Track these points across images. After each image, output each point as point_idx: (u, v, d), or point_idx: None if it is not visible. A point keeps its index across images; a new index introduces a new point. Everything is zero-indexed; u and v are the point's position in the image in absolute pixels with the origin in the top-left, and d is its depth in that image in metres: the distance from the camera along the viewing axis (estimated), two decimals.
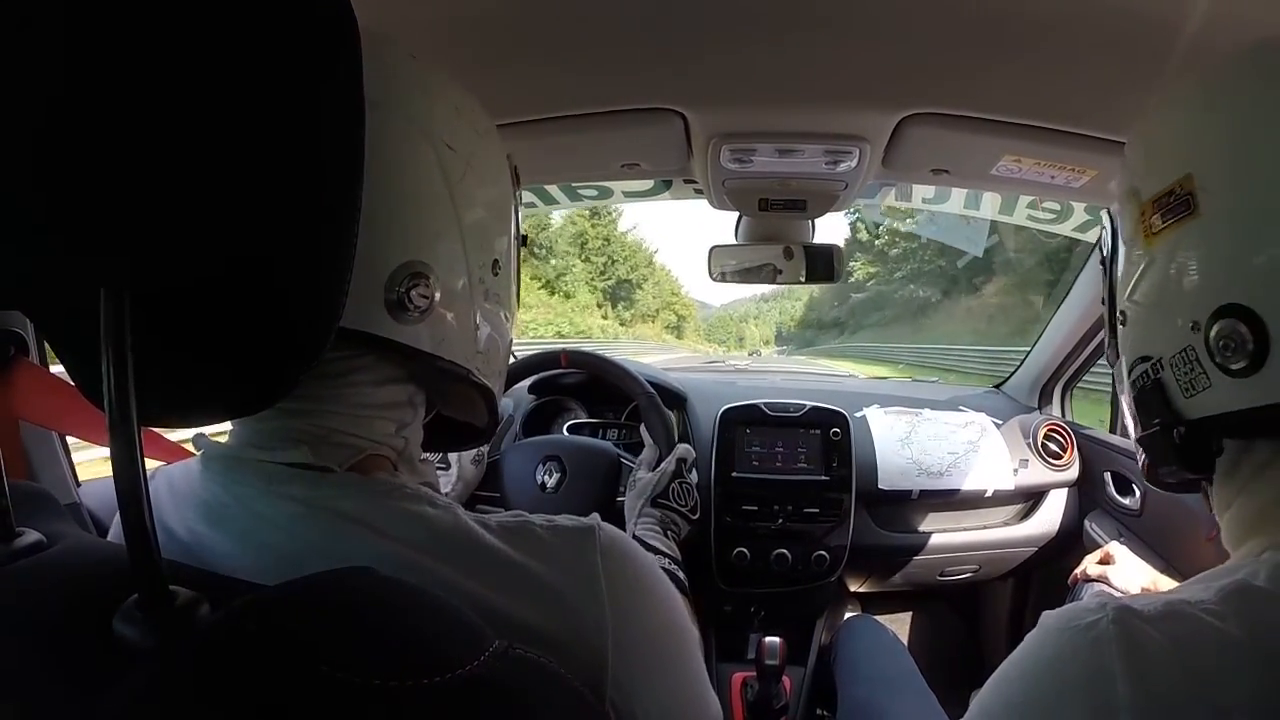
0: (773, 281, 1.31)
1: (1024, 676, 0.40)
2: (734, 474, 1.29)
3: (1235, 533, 0.45)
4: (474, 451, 1.13)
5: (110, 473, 0.31)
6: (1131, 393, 0.49)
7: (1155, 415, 0.46)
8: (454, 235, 0.46)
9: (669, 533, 0.93)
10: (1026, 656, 0.40)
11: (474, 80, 0.50)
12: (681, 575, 0.84)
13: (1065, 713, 0.36)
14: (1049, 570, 1.48)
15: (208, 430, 0.45)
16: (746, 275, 1.33)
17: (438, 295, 0.44)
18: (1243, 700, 0.32)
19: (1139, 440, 0.49)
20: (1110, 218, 0.52)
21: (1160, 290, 0.45)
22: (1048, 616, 0.41)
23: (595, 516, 0.47)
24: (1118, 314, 0.50)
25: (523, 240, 0.58)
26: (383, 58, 0.43)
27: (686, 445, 1.04)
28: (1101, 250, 0.53)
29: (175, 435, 0.82)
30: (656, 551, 0.86)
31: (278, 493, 0.41)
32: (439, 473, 1.09)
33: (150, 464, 0.35)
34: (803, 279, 1.29)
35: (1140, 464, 0.52)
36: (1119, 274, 0.50)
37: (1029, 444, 1.40)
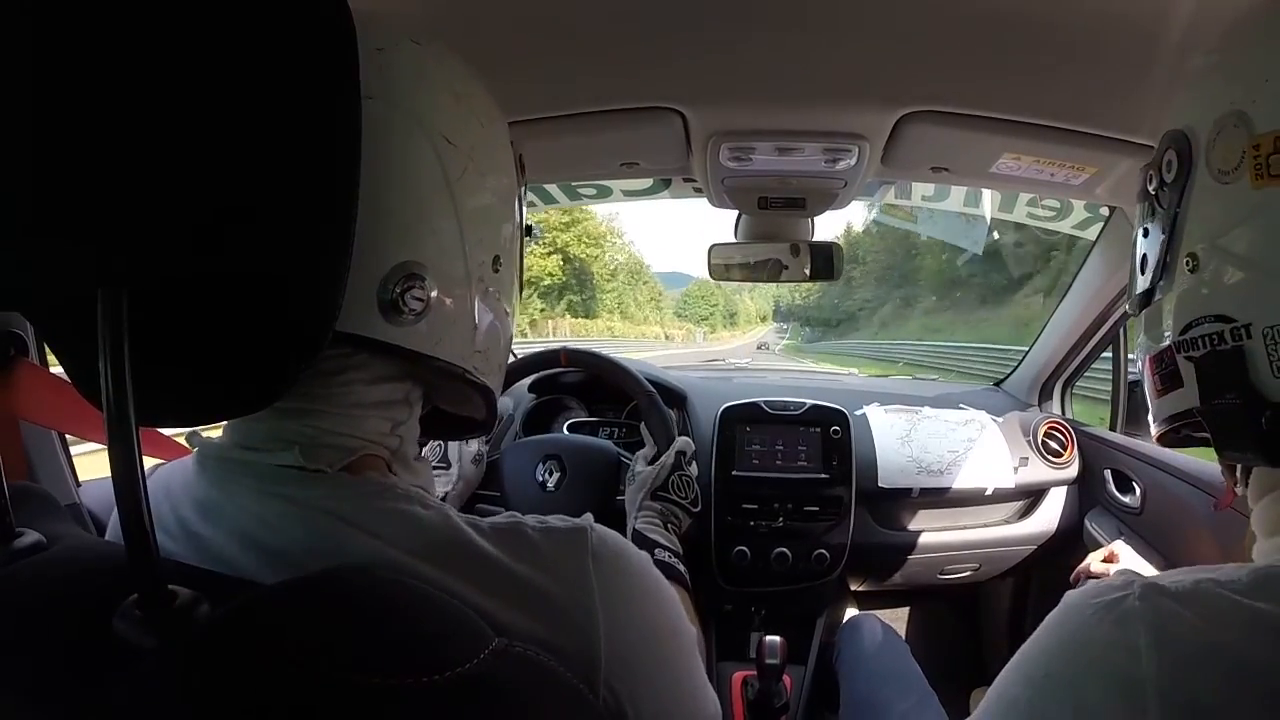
0: (777, 279, 1.31)
1: (1046, 653, 0.38)
2: (734, 472, 1.29)
3: (1270, 517, 0.42)
4: (474, 451, 1.13)
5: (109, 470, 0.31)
6: (1187, 352, 0.42)
7: (1228, 388, 0.39)
8: (453, 235, 0.44)
9: (669, 526, 0.93)
10: (1049, 633, 0.39)
11: None
12: (682, 568, 0.84)
13: (1090, 688, 0.34)
14: (1049, 569, 1.48)
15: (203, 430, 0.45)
16: (751, 272, 1.33)
17: (434, 296, 0.42)
18: (1274, 680, 0.31)
19: (1203, 411, 0.42)
20: (1185, 137, 0.42)
21: (1272, 249, 0.38)
22: (1071, 595, 0.39)
23: (588, 517, 0.46)
24: (1183, 258, 0.42)
25: (526, 231, 0.56)
26: (379, 44, 0.42)
27: (686, 438, 1.03)
28: (1161, 172, 0.44)
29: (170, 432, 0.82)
30: (657, 545, 0.86)
31: (270, 492, 0.41)
32: (439, 472, 1.09)
33: (149, 462, 0.35)
34: (807, 275, 1.29)
35: (1153, 431, 0.49)
36: (1193, 208, 0.42)
37: (1029, 442, 1.40)
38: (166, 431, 0.76)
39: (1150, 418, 0.50)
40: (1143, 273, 0.47)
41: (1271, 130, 0.37)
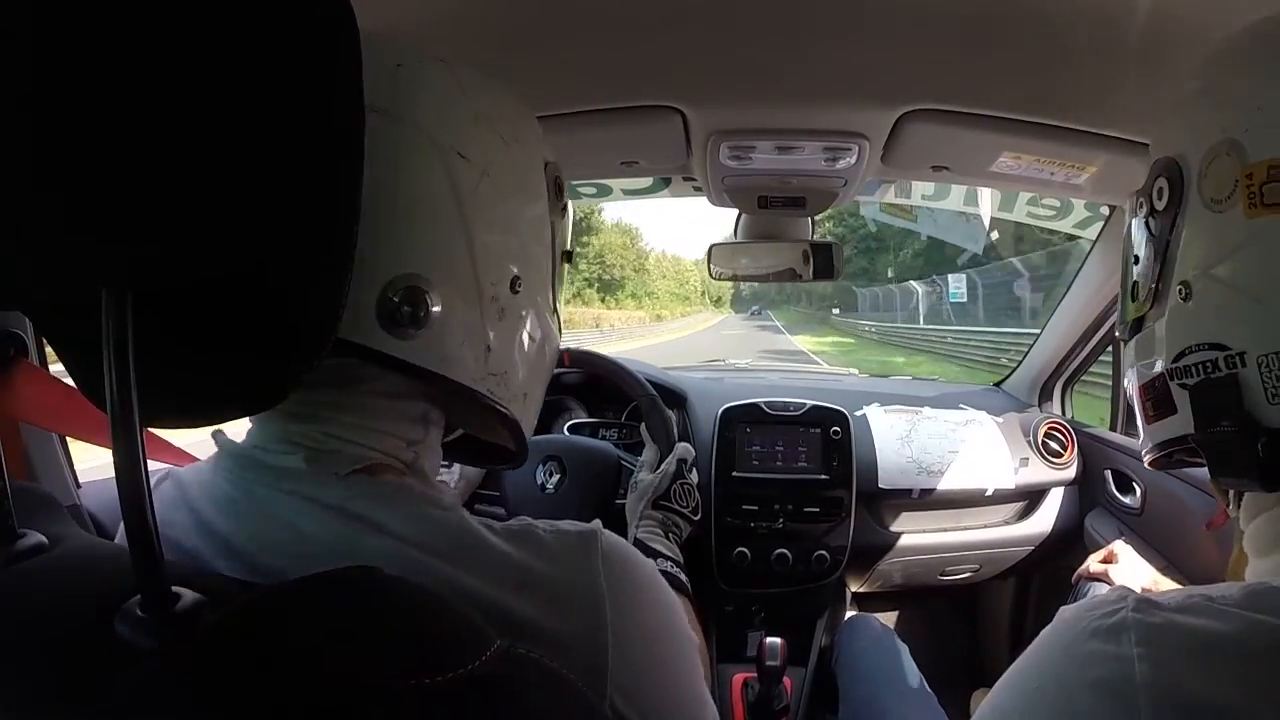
0: (778, 279, 1.32)
1: (1040, 665, 0.38)
2: (734, 473, 1.29)
3: (1262, 538, 0.42)
4: None
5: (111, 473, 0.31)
6: (1180, 380, 0.42)
7: (1224, 415, 0.40)
8: (460, 249, 0.43)
9: (670, 535, 0.93)
10: (1043, 646, 0.39)
11: None
12: (683, 577, 0.84)
13: (1083, 698, 0.34)
14: (1050, 570, 1.48)
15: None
16: (753, 274, 1.34)
17: (436, 311, 0.42)
18: (1268, 688, 0.31)
19: (1198, 439, 0.42)
20: (1177, 164, 0.42)
21: (1266, 278, 0.38)
22: (1065, 610, 0.39)
23: (597, 523, 0.46)
24: (1175, 286, 0.42)
25: (566, 255, 0.55)
26: (399, 60, 0.42)
27: (686, 444, 1.03)
28: (1152, 199, 0.44)
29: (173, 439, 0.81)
30: (658, 554, 0.86)
31: (286, 490, 0.41)
32: (442, 470, 1.09)
33: (156, 466, 0.35)
34: (810, 275, 1.29)
35: (1145, 456, 0.49)
36: (1185, 236, 0.42)
37: (1029, 442, 1.40)
38: (164, 434, 0.76)
39: (1141, 444, 0.49)
40: (1134, 299, 0.47)
41: (1264, 159, 0.37)
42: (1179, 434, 0.44)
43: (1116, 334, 0.51)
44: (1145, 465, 0.50)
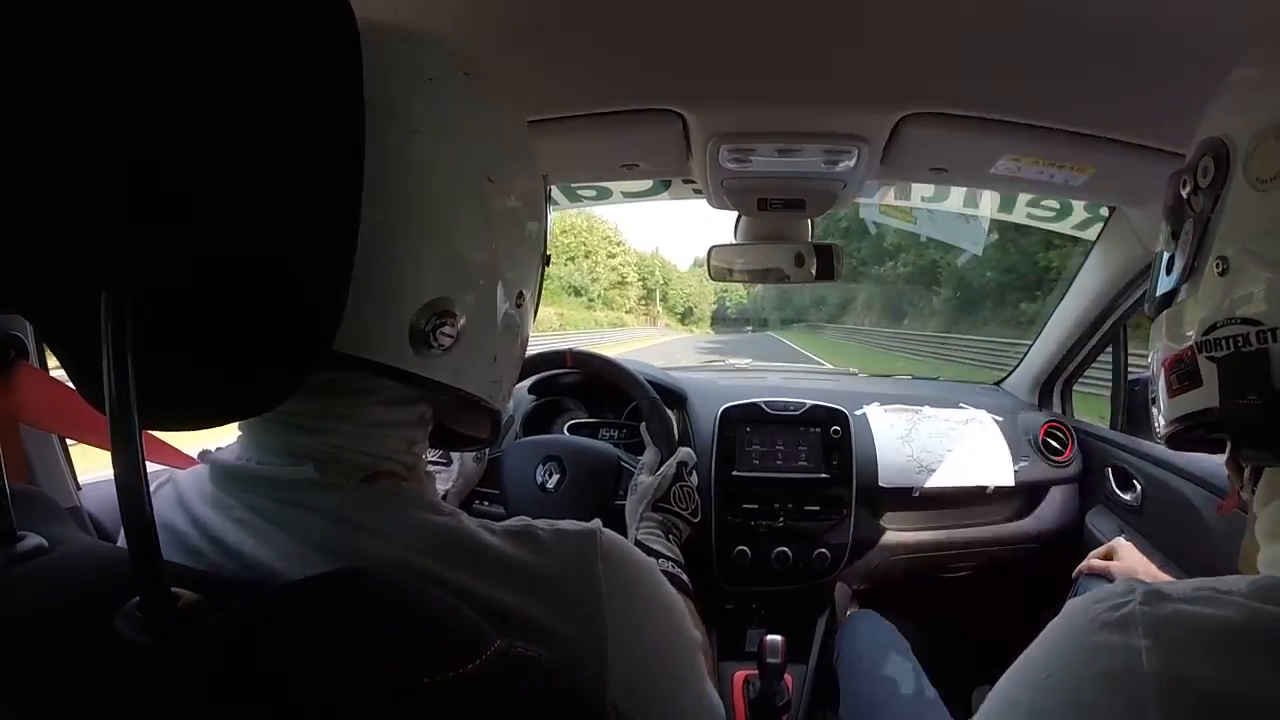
0: (779, 281, 1.31)
1: (1048, 656, 0.38)
2: (734, 472, 1.30)
3: (1276, 523, 0.43)
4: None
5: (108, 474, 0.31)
6: (1209, 353, 0.43)
7: (1251, 389, 0.40)
8: (486, 274, 0.44)
9: (670, 536, 0.93)
10: (1050, 638, 0.39)
11: None
12: (684, 578, 0.84)
13: (1090, 689, 0.34)
14: (1050, 567, 1.48)
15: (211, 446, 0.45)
16: (753, 276, 1.33)
17: (462, 328, 0.43)
18: (1274, 679, 0.31)
19: (1223, 411, 0.42)
20: (1224, 144, 0.43)
21: None
22: (1073, 602, 0.40)
23: (597, 522, 0.47)
24: (1212, 261, 0.43)
25: (546, 260, 0.56)
26: (431, 73, 0.42)
27: (688, 449, 1.04)
28: (1196, 177, 0.45)
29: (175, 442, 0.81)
30: (659, 555, 0.86)
31: (284, 499, 0.41)
32: (440, 469, 1.09)
33: (156, 468, 0.35)
34: (811, 276, 1.29)
35: (1159, 430, 0.49)
36: (1227, 213, 0.43)
37: (1029, 441, 1.40)
38: (165, 436, 0.76)
39: (1160, 418, 0.50)
40: (1168, 274, 0.47)
41: None
42: (1202, 407, 0.44)
43: (1145, 308, 0.51)
44: (1160, 442, 0.51)
